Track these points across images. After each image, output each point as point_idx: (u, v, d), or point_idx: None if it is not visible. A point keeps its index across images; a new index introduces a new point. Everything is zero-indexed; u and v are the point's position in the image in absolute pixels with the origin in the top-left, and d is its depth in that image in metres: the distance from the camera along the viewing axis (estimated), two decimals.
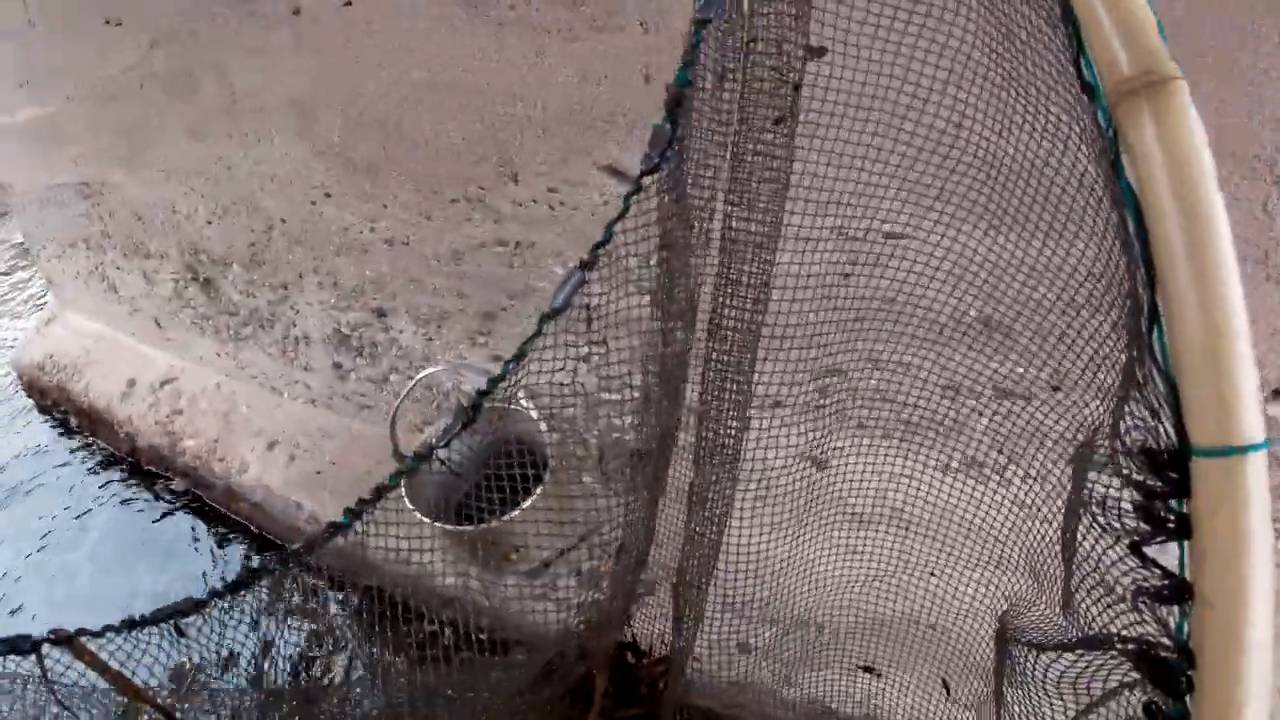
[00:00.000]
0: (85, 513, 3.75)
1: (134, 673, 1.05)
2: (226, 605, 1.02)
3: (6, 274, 7.52)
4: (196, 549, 3.29)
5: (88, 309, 4.35)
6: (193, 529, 3.37)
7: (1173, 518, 0.43)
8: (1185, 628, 0.42)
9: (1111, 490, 0.53)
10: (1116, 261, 0.53)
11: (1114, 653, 0.56)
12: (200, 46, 2.53)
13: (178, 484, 3.51)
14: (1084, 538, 0.63)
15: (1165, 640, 0.46)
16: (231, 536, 3.26)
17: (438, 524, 2.12)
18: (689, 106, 0.82)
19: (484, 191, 2.05)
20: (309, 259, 2.62)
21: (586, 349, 2.14)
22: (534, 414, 2.28)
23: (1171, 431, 0.42)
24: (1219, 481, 0.40)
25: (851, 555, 1.69)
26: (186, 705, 1.20)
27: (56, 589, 3.34)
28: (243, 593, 0.99)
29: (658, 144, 0.79)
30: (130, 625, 0.96)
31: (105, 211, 3.53)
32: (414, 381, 2.21)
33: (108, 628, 0.96)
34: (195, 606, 0.97)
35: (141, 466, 3.78)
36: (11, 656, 0.89)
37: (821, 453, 1.73)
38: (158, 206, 3.15)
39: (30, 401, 4.85)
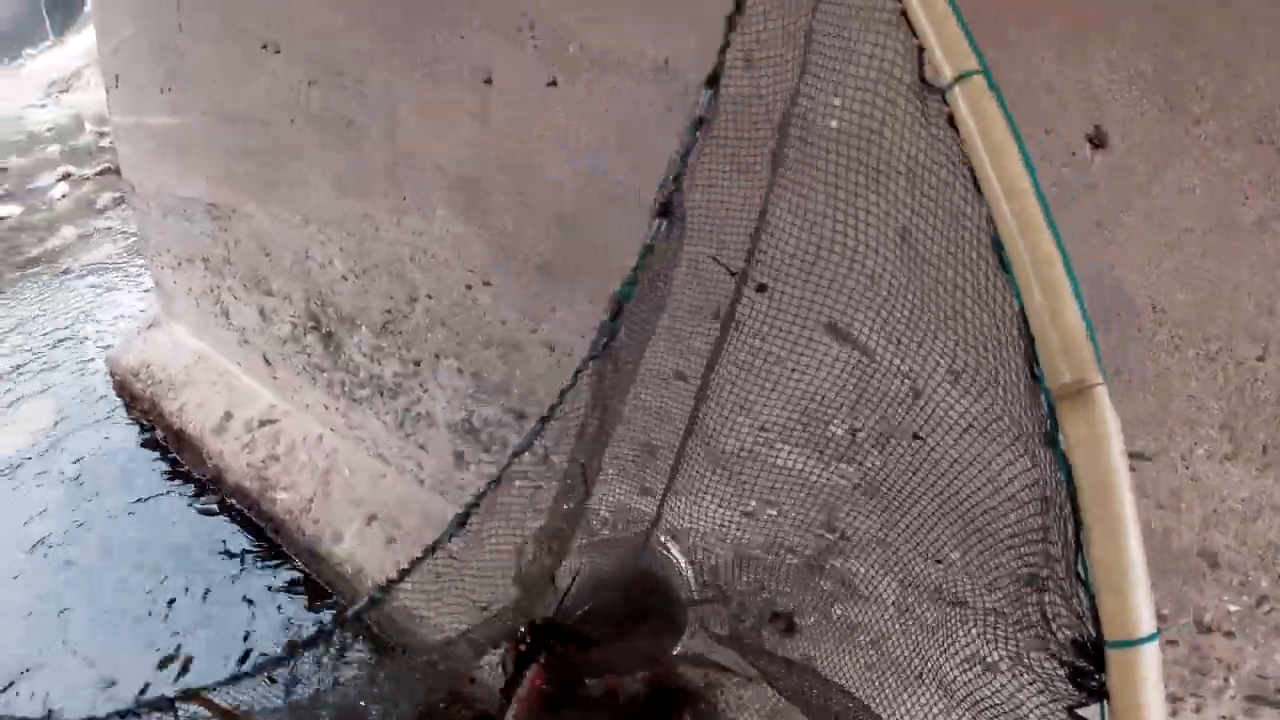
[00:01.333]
0: (159, 532, 3.60)
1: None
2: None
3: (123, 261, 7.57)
4: (279, 608, 3.08)
5: (194, 326, 4.21)
6: (270, 584, 3.17)
7: (1095, 685, 0.61)
8: None
9: (1051, 668, 0.72)
10: (1054, 510, 0.71)
11: None
12: (367, 94, 2.33)
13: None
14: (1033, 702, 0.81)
15: None
16: (319, 603, 3.04)
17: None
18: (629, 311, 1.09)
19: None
20: (452, 342, 2.38)
21: (753, 504, 1.86)
22: (678, 559, 2.06)
23: (1091, 630, 0.61)
24: (1123, 664, 0.58)
25: None
26: None
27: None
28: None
29: (601, 334, 1.08)
30: (234, 679, 1.25)
31: (231, 238, 3.36)
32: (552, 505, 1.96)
33: (218, 683, 1.22)
34: (282, 659, 1.29)
35: (225, 502, 3.60)
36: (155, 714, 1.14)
37: None
38: (289, 248, 2.96)
39: (119, 401, 4.75)
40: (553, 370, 2.14)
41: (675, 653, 1.89)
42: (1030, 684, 0.82)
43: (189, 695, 1.20)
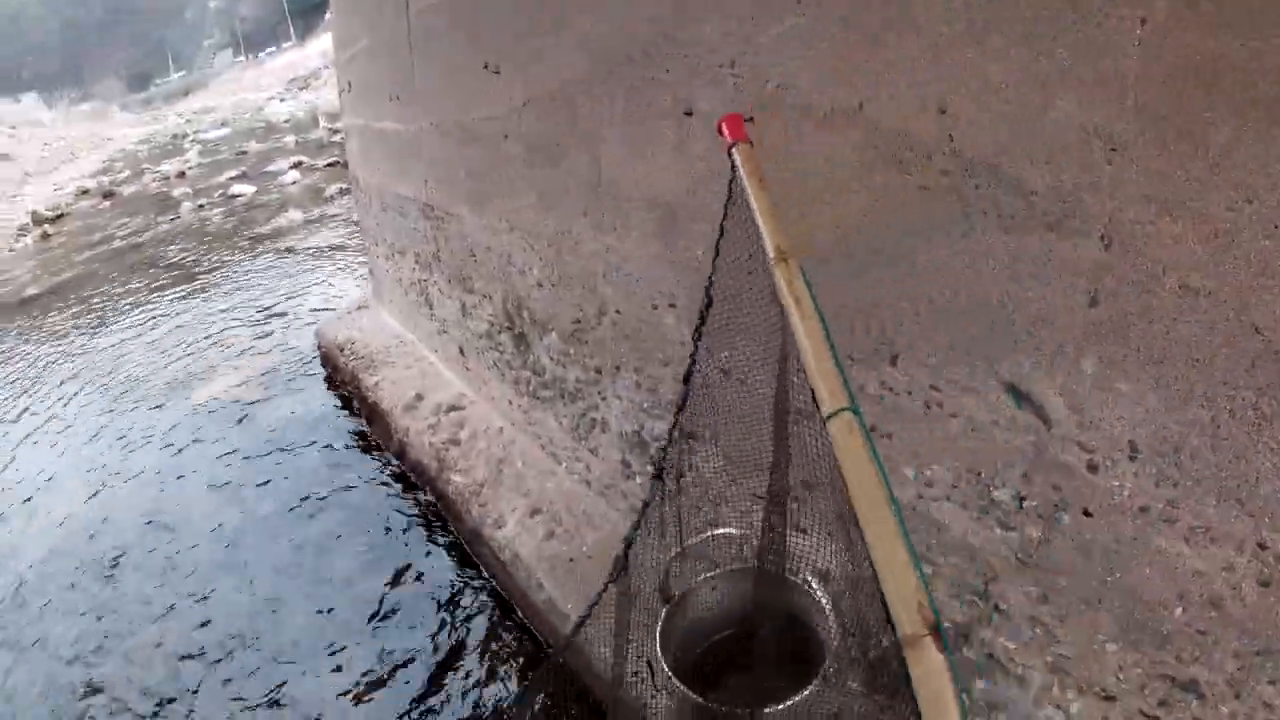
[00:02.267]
0: (340, 489, 3.94)
1: None
2: None
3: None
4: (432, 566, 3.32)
5: (398, 310, 4.58)
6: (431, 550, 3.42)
7: None
8: None
9: None
10: None
11: None
12: (576, 118, 2.51)
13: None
14: None
15: None
16: (469, 578, 3.25)
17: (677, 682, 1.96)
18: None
19: (852, 363, 1.84)
20: (634, 357, 2.53)
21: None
22: (821, 599, 2.07)
23: None
24: None
25: None
26: None
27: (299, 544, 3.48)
28: None
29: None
30: None
31: (443, 237, 3.66)
32: (708, 535, 2.05)
33: None
34: None
35: (405, 475, 3.91)
36: None
37: None
38: (494, 252, 3.21)
39: (323, 371, 5.21)
40: (725, 394, 2.23)
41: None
42: None
43: None
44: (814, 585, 2.09)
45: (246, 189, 12.28)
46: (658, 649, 2.04)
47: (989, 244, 1.49)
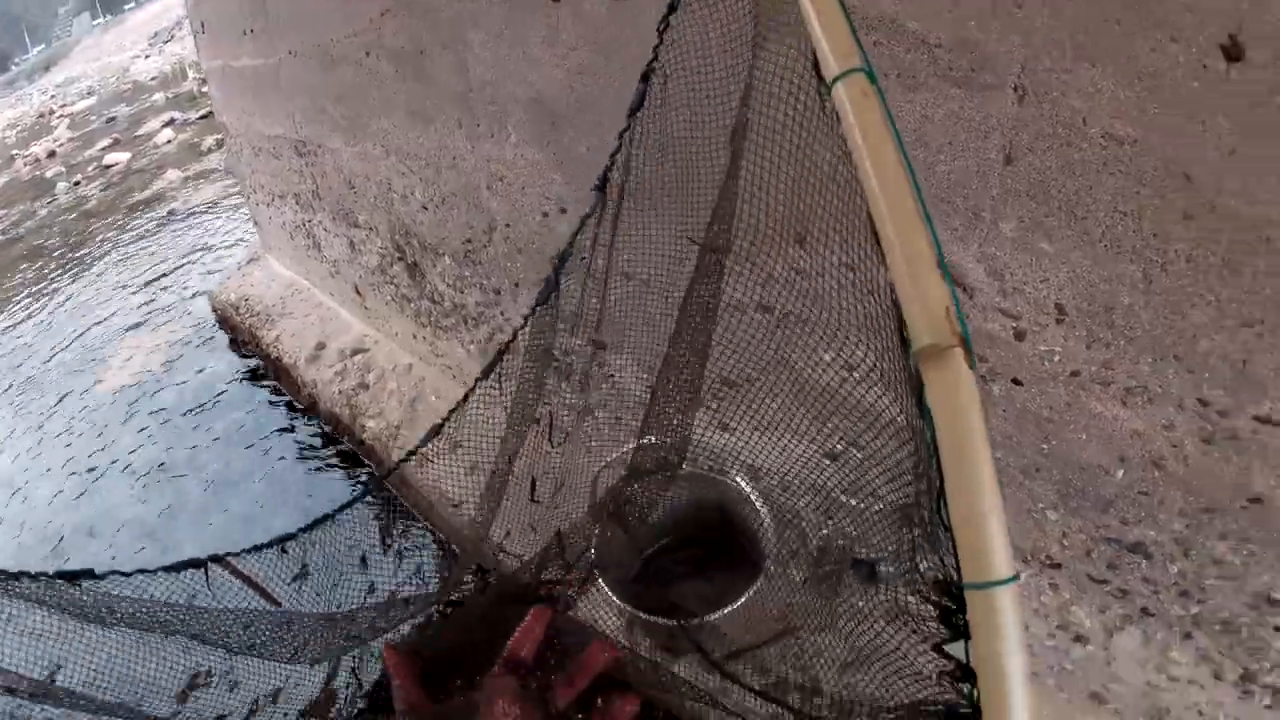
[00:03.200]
0: (257, 457, 3.78)
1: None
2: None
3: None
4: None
5: (288, 258, 4.34)
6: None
7: (961, 624, 0.63)
8: (974, 694, 0.61)
9: (920, 607, 0.76)
10: (920, 457, 0.82)
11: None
12: (438, 24, 2.32)
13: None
14: (902, 641, 0.91)
15: (963, 703, 0.68)
16: (403, 524, 3.16)
17: (629, 608, 1.91)
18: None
19: (754, 249, 1.75)
20: (530, 270, 2.39)
21: (836, 445, 1.82)
22: (754, 496, 2.03)
23: (954, 572, 0.63)
24: (982, 604, 0.60)
25: None
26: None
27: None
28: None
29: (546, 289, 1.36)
30: (256, 548, 1.39)
31: (318, 172, 3.44)
32: (634, 446, 1.97)
33: (243, 550, 1.38)
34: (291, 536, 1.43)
35: (322, 429, 3.75)
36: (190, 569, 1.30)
37: None
38: (372, 180, 3.01)
39: (223, 334, 4.97)
40: (631, 298, 2.13)
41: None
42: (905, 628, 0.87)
43: (218, 559, 1.34)
44: (745, 484, 2.05)
45: (121, 157, 11.61)
46: (594, 560, 2.00)
47: (892, 106, 1.39)
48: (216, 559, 1.37)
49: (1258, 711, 1.42)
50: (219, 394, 4.35)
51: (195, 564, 1.34)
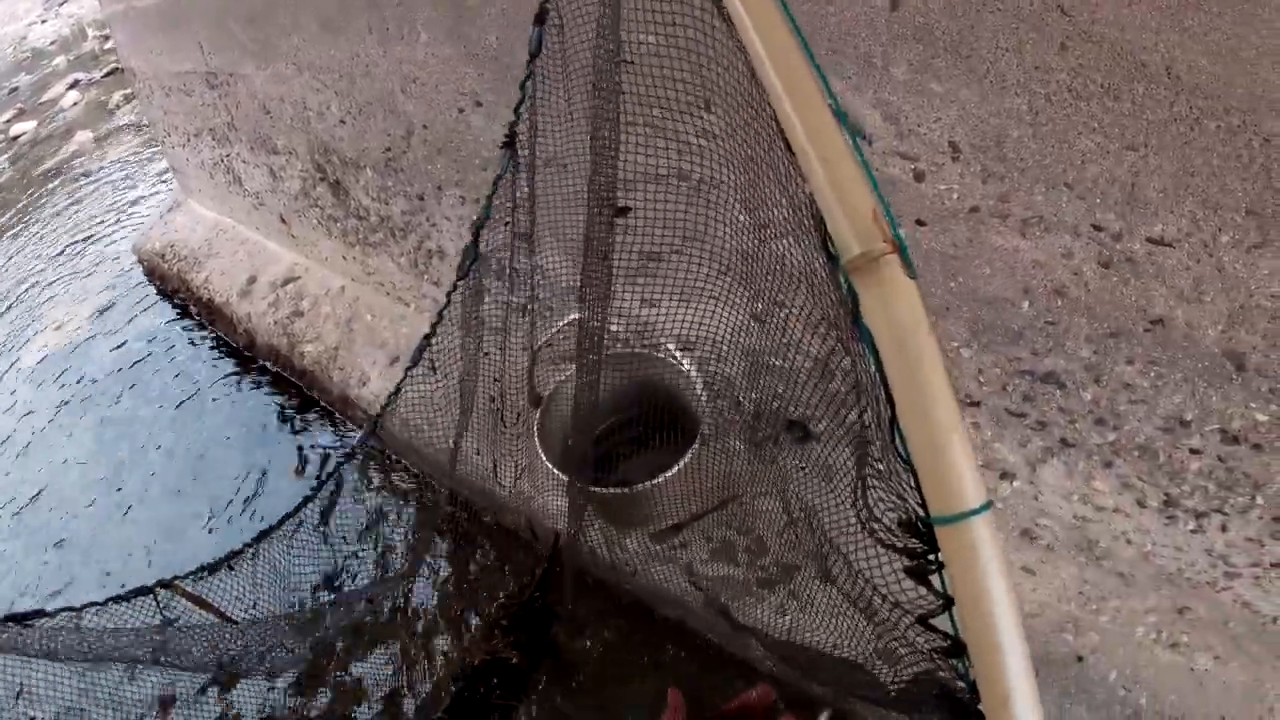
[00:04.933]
0: (200, 402, 3.79)
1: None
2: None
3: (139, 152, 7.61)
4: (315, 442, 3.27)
5: (211, 199, 4.28)
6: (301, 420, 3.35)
7: (934, 565, 0.60)
8: (969, 669, 0.56)
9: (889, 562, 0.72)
10: (863, 383, 0.73)
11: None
12: None
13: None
14: (889, 613, 0.85)
15: (958, 681, 0.64)
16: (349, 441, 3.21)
17: (565, 476, 1.98)
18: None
19: (667, 117, 1.80)
20: (451, 171, 2.43)
21: (760, 307, 1.87)
22: (687, 367, 2.09)
23: (918, 508, 0.58)
24: (956, 539, 0.55)
25: None
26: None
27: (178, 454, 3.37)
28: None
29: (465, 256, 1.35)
30: (207, 569, 1.42)
31: (232, 103, 3.39)
32: (563, 323, 2.03)
33: (190, 572, 1.40)
34: (239, 552, 1.48)
35: (258, 361, 3.76)
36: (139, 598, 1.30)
37: None
38: (287, 102, 2.99)
39: (152, 286, 4.89)
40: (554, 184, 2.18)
41: None
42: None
43: (166, 584, 1.37)
44: (677, 356, 2.10)
45: (27, 126, 11.11)
46: (538, 448, 2.05)
47: None
48: (165, 584, 1.39)
49: (1184, 536, 1.47)
50: (151, 347, 4.31)
51: (144, 591, 1.35)
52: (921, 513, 0.58)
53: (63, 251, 6.09)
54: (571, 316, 2.12)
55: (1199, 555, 1.47)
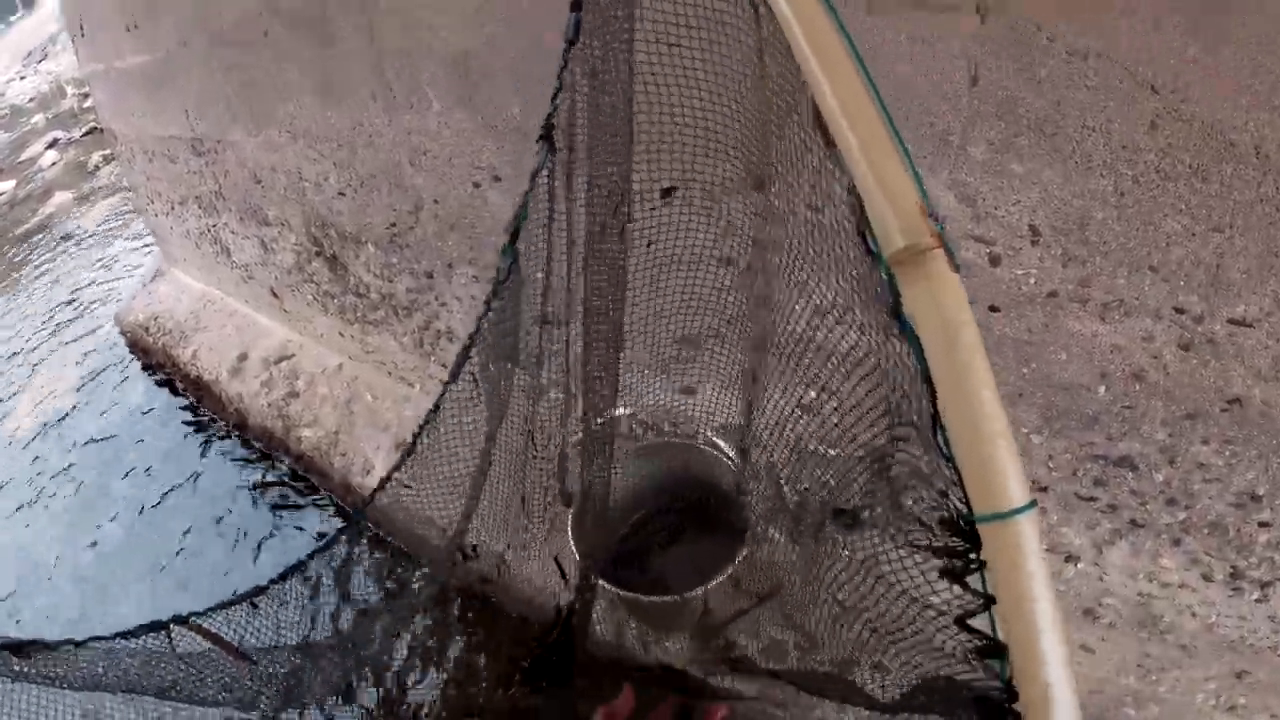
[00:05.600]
0: (185, 487, 3.54)
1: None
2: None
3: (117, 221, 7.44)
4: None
5: (197, 269, 4.07)
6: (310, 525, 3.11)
7: (975, 563, 0.56)
8: (1007, 670, 0.54)
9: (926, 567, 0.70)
10: (906, 380, 0.66)
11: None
12: None
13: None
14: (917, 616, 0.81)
15: (995, 683, 0.58)
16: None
17: (610, 587, 1.82)
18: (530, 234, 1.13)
19: (706, 186, 1.62)
20: (464, 248, 2.23)
21: (814, 394, 1.71)
22: (730, 458, 1.93)
23: (960, 505, 0.56)
24: (1000, 537, 0.53)
25: None
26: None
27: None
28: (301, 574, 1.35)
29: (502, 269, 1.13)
30: (224, 605, 1.28)
31: (220, 171, 3.19)
32: (601, 421, 1.83)
33: (209, 608, 1.26)
34: (262, 589, 1.30)
35: (250, 442, 3.51)
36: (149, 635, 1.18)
37: None
38: (280, 171, 2.79)
39: (133, 357, 4.66)
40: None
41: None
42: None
43: (182, 620, 1.25)
44: (719, 444, 1.96)
45: (5, 185, 10.96)
46: (572, 548, 1.89)
47: (851, 32, 1.30)
48: (180, 620, 1.26)
49: (1248, 605, 1.45)
50: (138, 425, 4.06)
51: (156, 626, 1.23)
52: (964, 510, 0.56)
53: (43, 323, 5.86)
54: (621, 411, 1.93)
55: (1262, 622, 1.47)
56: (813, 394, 1.78)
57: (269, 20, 2.40)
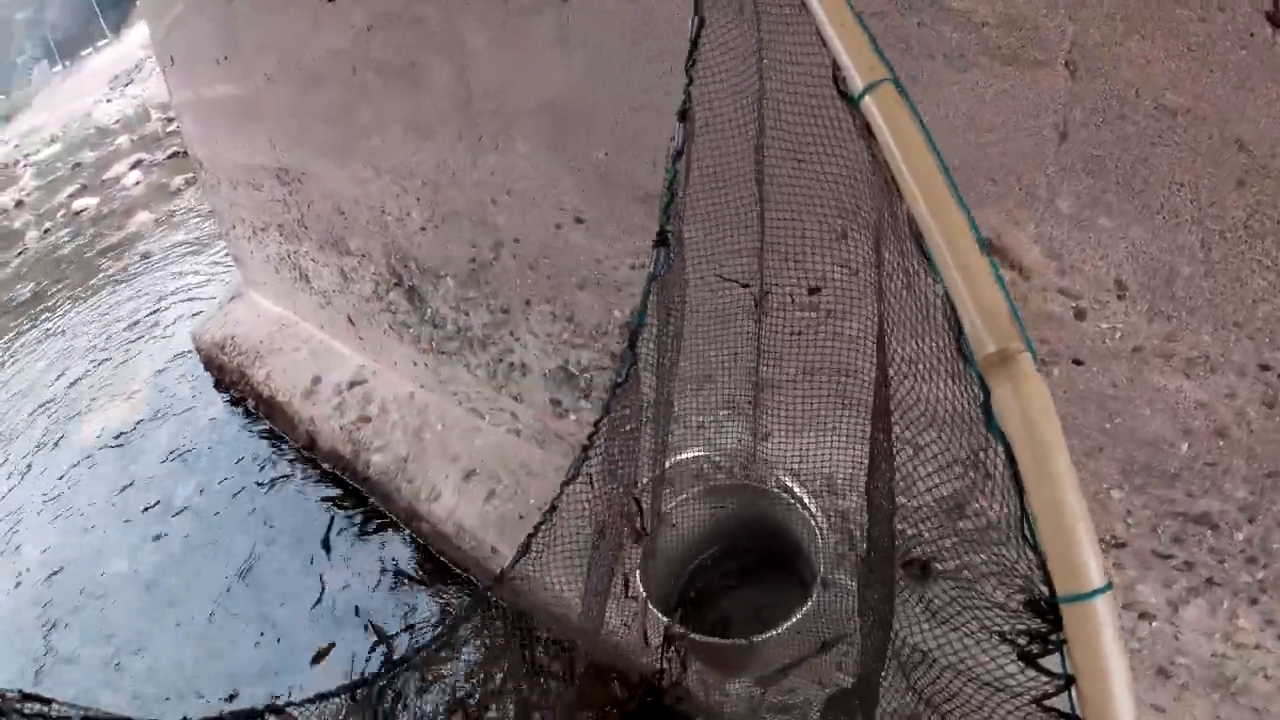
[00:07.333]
0: (254, 502, 3.62)
1: None
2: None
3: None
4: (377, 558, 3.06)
5: (274, 292, 4.19)
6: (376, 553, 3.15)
7: (1056, 642, 0.61)
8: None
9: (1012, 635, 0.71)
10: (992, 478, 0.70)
11: None
12: (428, 33, 2.20)
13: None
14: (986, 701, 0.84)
15: None
16: (420, 561, 3.00)
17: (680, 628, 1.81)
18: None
19: (802, 245, 1.63)
20: (543, 286, 2.27)
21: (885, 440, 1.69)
22: (807, 506, 1.91)
23: (1043, 588, 0.60)
24: (1079, 617, 0.57)
25: None
26: None
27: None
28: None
29: (623, 364, 1.26)
30: (321, 697, 1.32)
31: (304, 201, 3.30)
32: (671, 462, 1.85)
33: (306, 699, 1.30)
34: (365, 681, 1.37)
35: (319, 464, 3.58)
36: None
37: None
38: (364, 204, 2.87)
39: (209, 376, 4.80)
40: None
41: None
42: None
43: (276, 709, 1.30)
44: (792, 487, 1.95)
45: (89, 202, 11.38)
46: (639, 586, 1.89)
47: (938, 89, 1.33)
48: (275, 710, 1.31)
49: None
50: (210, 438, 4.17)
51: (252, 715, 1.28)
52: (1047, 593, 0.60)
53: (122, 337, 6.06)
54: (689, 453, 1.94)
55: None
56: (885, 439, 1.77)
57: (359, 63, 2.48)
